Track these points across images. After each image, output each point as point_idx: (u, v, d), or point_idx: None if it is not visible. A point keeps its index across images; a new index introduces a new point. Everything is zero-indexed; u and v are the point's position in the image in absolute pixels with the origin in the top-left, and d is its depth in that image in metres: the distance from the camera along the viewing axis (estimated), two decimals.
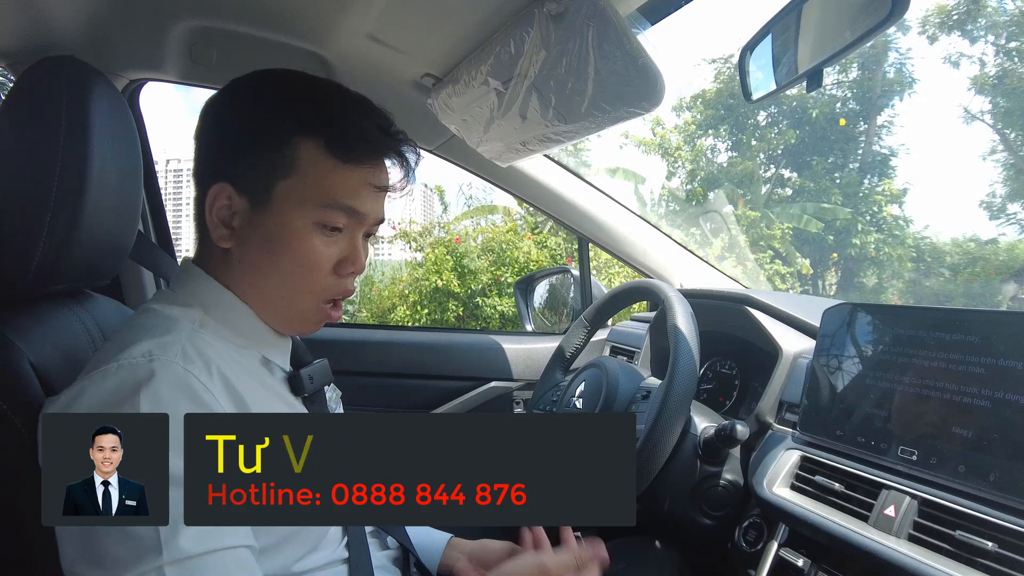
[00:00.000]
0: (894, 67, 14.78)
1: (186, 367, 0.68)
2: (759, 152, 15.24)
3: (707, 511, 1.12)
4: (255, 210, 0.77)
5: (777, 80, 1.03)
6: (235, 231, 0.79)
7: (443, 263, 7.69)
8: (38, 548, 0.69)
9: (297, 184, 0.77)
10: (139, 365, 0.67)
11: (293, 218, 0.77)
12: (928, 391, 0.89)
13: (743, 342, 1.40)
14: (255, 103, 0.80)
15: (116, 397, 0.65)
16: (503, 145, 1.33)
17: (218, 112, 0.82)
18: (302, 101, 0.79)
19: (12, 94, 0.85)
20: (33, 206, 0.79)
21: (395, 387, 1.80)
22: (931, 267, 13.04)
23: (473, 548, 1.14)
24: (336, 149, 0.77)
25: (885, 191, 13.59)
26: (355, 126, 0.79)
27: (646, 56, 0.93)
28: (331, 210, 0.78)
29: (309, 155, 0.77)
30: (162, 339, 0.70)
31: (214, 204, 0.78)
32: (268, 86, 0.81)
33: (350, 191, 0.79)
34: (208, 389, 0.68)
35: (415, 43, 1.25)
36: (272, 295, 0.81)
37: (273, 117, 0.77)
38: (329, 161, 0.77)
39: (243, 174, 0.77)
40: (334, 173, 0.77)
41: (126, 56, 1.39)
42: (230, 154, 0.78)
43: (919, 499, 0.84)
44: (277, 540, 0.75)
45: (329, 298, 0.83)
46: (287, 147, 0.76)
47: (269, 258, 0.79)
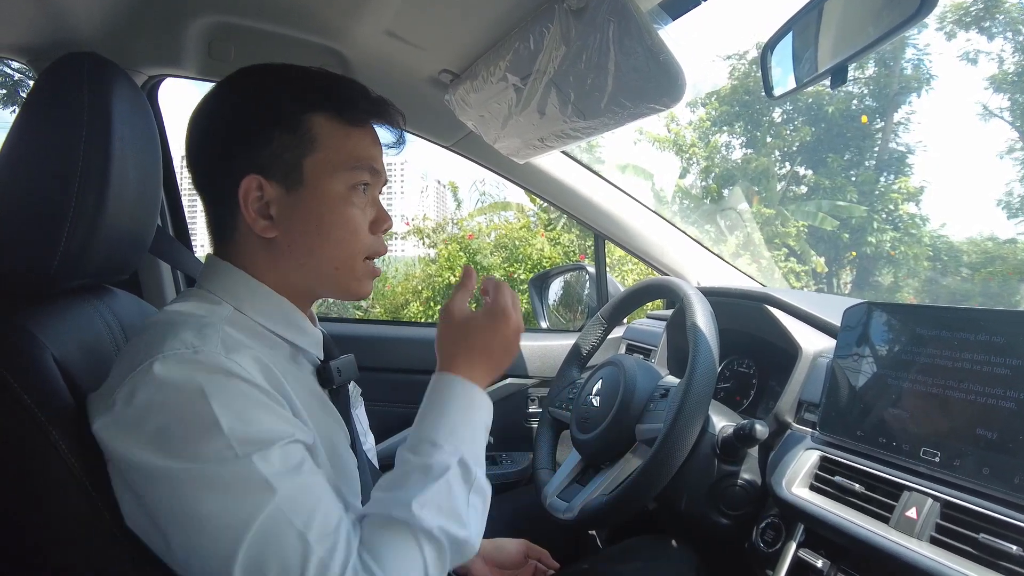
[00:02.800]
0: (911, 63, 14.64)
1: (228, 356, 0.68)
2: (774, 149, 15.13)
3: (724, 510, 1.11)
4: (291, 192, 0.80)
5: (799, 77, 1.02)
6: (275, 219, 0.80)
7: (456, 259, 7.69)
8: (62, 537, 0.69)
9: (323, 156, 0.80)
10: (187, 355, 0.67)
11: (330, 187, 0.81)
12: (951, 392, 0.88)
13: (761, 341, 1.39)
14: (261, 93, 0.82)
15: (179, 385, 0.66)
16: (520, 141, 1.32)
17: (224, 114, 0.83)
18: (305, 82, 0.83)
19: (35, 90, 0.85)
20: (56, 201, 0.79)
21: (411, 383, 1.78)
22: (948, 266, 12.90)
23: (488, 549, 1.15)
24: (346, 115, 0.82)
25: (902, 189, 13.46)
26: (352, 94, 0.84)
27: (667, 52, 0.92)
28: (358, 170, 0.82)
29: (324, 128, 0.81)
30: (199, 332, 0.70)
31: (248, 197, 0.78)
32: (266, 77, 0.84)
33: (365, 150, 0.84)
34: (252, 376, 0.69)
35: (434, 38, 1.25)
36: (325, 268, 0.83)
37: (284, 102, 0.81)
38: (343, 128, 0.82)
39: (269, 162, 0.79)
40: (349, 138, 0.82)
41: (145, 52, 1.39)
42: (252, 147, 0.79)
43: (942, 501, 0.84)
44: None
45: (372, 255, 0.86)
46: (303, 125, 0.80)
47: (316, 233, 0.81)
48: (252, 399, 0.68)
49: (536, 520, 1.28)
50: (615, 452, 1.17)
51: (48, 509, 0.73)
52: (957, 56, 14.53)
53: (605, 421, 1.18)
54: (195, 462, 0.64)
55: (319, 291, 0.87)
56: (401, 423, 1.80)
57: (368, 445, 1.02)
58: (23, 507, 0.73)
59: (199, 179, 0.83)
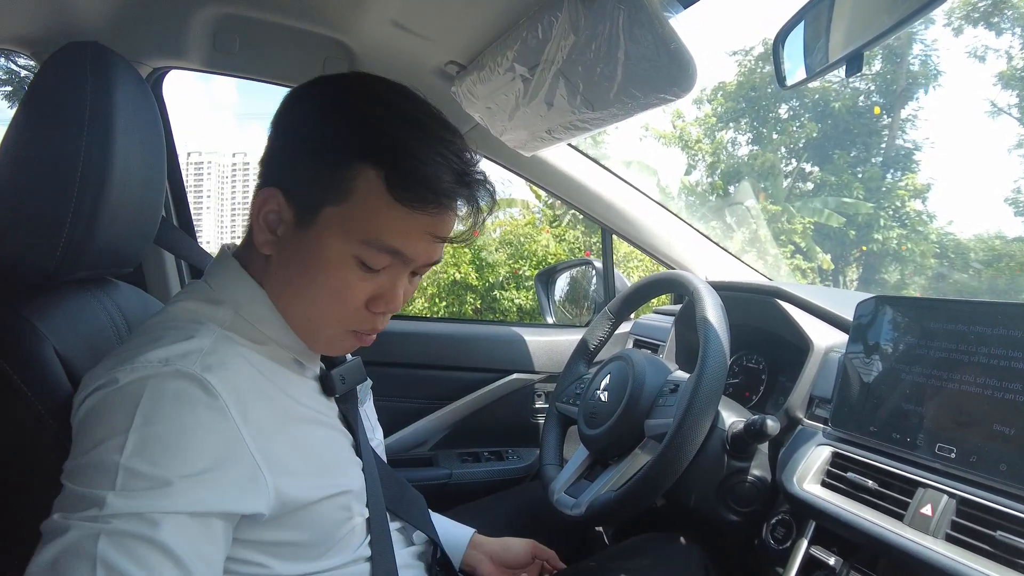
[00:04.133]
0: (919, 59, 14.53)
1: (203, 375, 0.65)
2: (780, 145, 15.08)
3: (733, 507, 1.10)
4: (299, 226, 0.73)
5: (811, 67, 1.00)
6: (278, 240, 0.75)
7: (461, 256, 7.70)
8: None
9: (346, 213, 0.70)
10: (152, 369, 0.64)
11: (332, 246, 0.71)
12: (968, 387, 0.87)
13: (771, 336, 1.38)
14: (325, 114, 0.73)
15: (125, 398, 0.63)
16: (528, 133, 1.31)
17: (291, 112, 0.77)
18: (374, 121, 0.71)
19: (37, 80, 0.84)
20: (58, 192, 0.78)
21: (417, 378, 1.80)
22: (955, 263, 12.83)
23: (495, 549, 1.14)
24: (395, 187, 0.69)
25: (908, 186, 13.38)
26: (425, 165, 0.70)
27: (678, 40, 0.90)
28: (373, 249, 0.71)
29: (366, 185, 0.69)
30: (182, 346, 0.68)
31: (263, 208, 0.74)
32: (344, 96, 0.74)
33: (400, 234, 0.72)
34: (224, 404, 0.66)
35: (440, 29, 1.24)
36: (298, 313, 0.77)
37: (338, 134, 0.71)
38: (385, 198, 0.69)
39: (296, 186, 0.73)
40: (388, 211, 0.70)
41: (149, 44, 1.38)
42: (289, 162, 0.74)
43: (957, 498, 0.82)
44: (303, 540, 0.75)
45: (356, 330, 0.79)
46: (346, 171, 0.69)
47: (300, 278, 0.75)
48: (190, 439, 0.62)
49: (542, 516, 1.27)
50: (624, 448, 1.16)
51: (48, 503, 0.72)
52: (965, 52, 14.46)
53: (613, 416, 1.16)
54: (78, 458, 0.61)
55: (291, 324, 0.79)
56: (404, 417, 1.79)
57: (377, 440, 1.01)
58: (23, 500, 0.73)
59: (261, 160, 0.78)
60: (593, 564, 1.12)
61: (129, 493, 0.58)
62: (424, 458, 1.73)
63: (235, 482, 0.64)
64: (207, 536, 0.61)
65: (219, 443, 0.64)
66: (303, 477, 0.73)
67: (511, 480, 1.73)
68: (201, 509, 0.61)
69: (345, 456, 0.85)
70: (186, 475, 0.60)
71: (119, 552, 0.55)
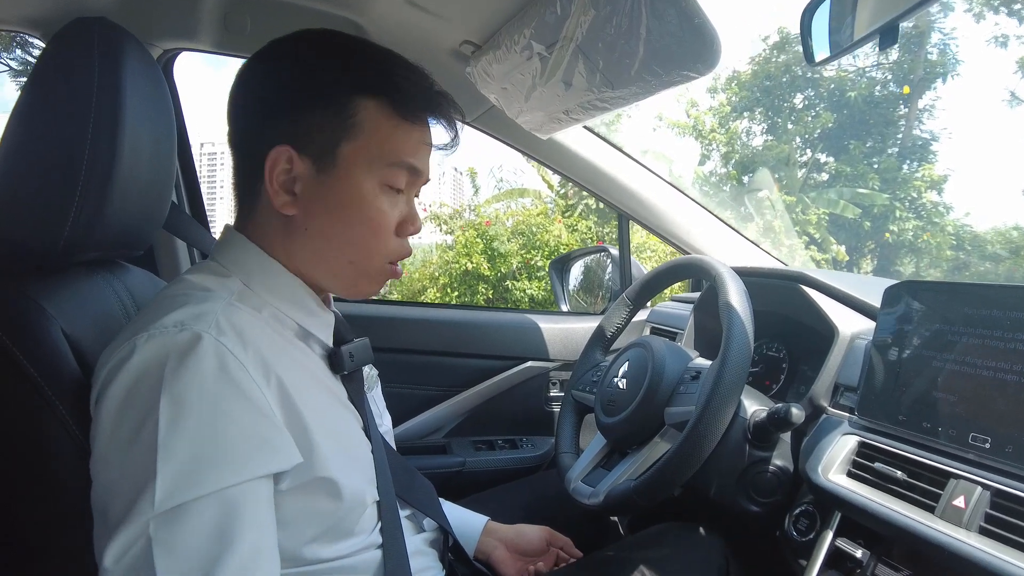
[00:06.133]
0: (937, 48, 14.32)
1: (219, 339, 0.65)
2: (795, 135, 14.95)
3: (755, 497, 1.07)
4: (321, 174, 0.76)
5: (840, 43, 0.97)
6: (298, 197, 0.76)
7: (473, 246, 7.68)
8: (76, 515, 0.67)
9: (363, 145, 0.76)
10: (169, 335, 0.64)
11: (361, 181, 0.76)
12: (1004, 375, 0.84)
13: (792, 323, 1.35)
14: (315, 63, 0.77)
15: (146, 368, 0.63)
16: (544, 115, 1.28)
17: (269, 73, 0.79)
18: (362, 62, 0.78)
19: (43, 57, 0.82)
20: (66, 171, 0.77)
21: (431, 365, 1.79)
22: (972, 255, 12.68)
23: (510, 536, 1.13)
24: (399, 108, 0.77)
25: (925, 176, 13.24)
26: (413, 86, 0.78)
27: (702, 15, 0.88)
28: (396, 168, 0.78)
29: (372, 115, 0.76)
30: (196, 308, 0.68)
31: (275, 169, 0.75)
32: (324, 46, 0.80)
33: (411, 149, 0.79)
34: (242, 364, 0.66)
35: (455, 7, 1.21)
36: (339, 260, 0.79)
37: (335, 78, 0.76)
38: (392, 120, 0.77)
39: (306, 137, 0.75)
40: (397, 132, 0.78)
41: (160, 25, 1.37)
42: (291, 116, 0.76)
43: (992, 489, 0.79)
44: (314, 532, 0.74)
45: (393, 258, 0.82)
46: (350, 108, 0.75)
47: (337, 223, 0.77)
48: (217, 404, 0.64)
49: (557, 505, 1.26)
50: (643, 436, 1.13)
51: (56, 485, 0.71)
52: (985, 40, 14.22)
53: (632, 404, 1.14)
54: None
55: (327, 283, 0.82)
56: (417, 405, 1.78)
57: (385, 427, 1.00)
58: (31, 483, 0.72)
59: (234, 136, 0.80)
60: (611, 554, 1.10)
61: (170, 482, 0.59)
62: (438, 446, 1.71)
63: (266, 440, 0.66)
64: (253, 502, 0.64)
65: (246, 407, 0.65)
66: (321, 438, 0.72)
67: (525, 469, 1.72)
68: (245, 477, 0.63)
69: (357, 435, 0.85)
70: (222, 446, 0.62)
71: (176, 554, 0.58)
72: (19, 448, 0.71)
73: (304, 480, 0.70)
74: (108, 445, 0.63)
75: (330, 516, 0.75)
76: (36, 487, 0.72)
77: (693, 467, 0.98)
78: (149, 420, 0.60)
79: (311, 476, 0.71)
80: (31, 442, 0.70)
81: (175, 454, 0.60)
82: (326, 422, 0.75)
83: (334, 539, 0.77)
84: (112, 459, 0.63)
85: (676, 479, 0.99)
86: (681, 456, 0.97)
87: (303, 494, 0.71)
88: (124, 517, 0.59)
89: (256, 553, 0.62)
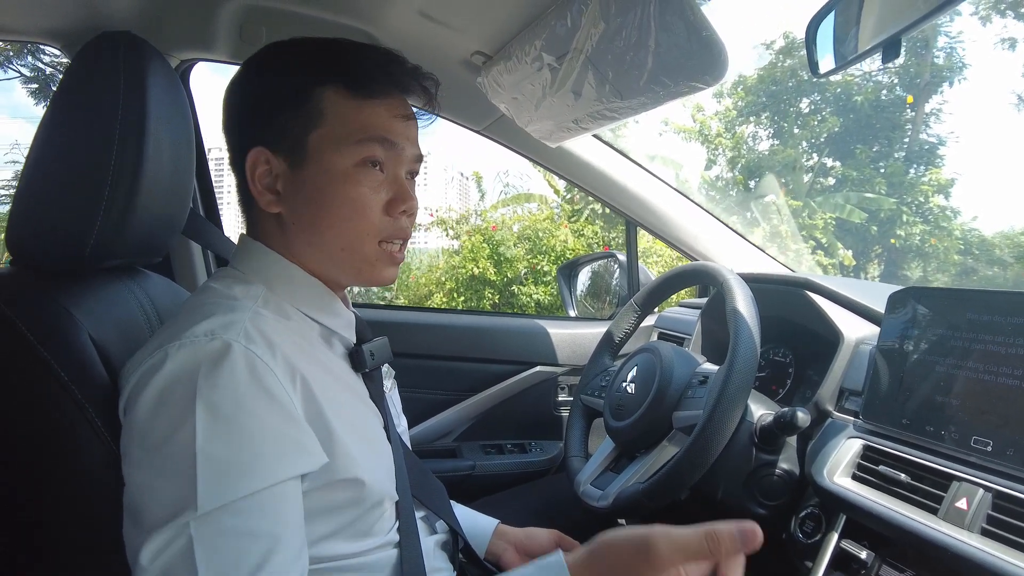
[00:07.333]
0: (944, 51, 14.26)
1: (248, 346, 0.68)
2: (801, 140, 14.89)
3: (761, 500, 1.09)
4: (295, 168, 0.80)
5: (844, 55, 0.99)
6: (280, 195, 0.81)
7: (479, 251, 7.68)
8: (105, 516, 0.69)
9: (328, 130, 0.79)
10: (200, 344, 0.67)
11: (333, 163, 0.79)
12: (1005, 379, 0.85)
13: (798, 328, 1.36)
14: (274, 68, 0.82)
15: (178, 375, 0.65)
16: (554, 124, 1.30)
17: (242, 87, 0.84)
18: (316, 56, 0.82)
19: (70, 70, 0.85)
20: (92, 181, 0.80)
21: (441, 369, 1.80)
22: (979, 260, 12.61)
23: (520, 538, 1.14)
24: (355, 88, 0.80)
25: (932, 181, 13.16)
26: (368, 65, 0.81)
27: (710, 27, 0.90)
28: (367, 144, 0.80)
29: (332, 100, 0.79)
30: (224, 317, 0.71)
31: (255, 170, 0.80)
32: (282, 51, 0.84)
33: (380, 124, 0.81)
34: (271, 369, 0.69)
35: (467, 19, 1.23)
36: (332, 248, 0.82)
37: (293, 76, 0.80)
38: (352, 101, 0.80)
39: (276, 136, 0.80)
40: (360, 111, 0.80)
41: (178, 36, 1.39)
42: (260, 120, 0.81)
43: (993, 491, 0.81)
44: (333, 529, 0.76)
45: (384, 238, 0.83)
46: (311, 99, 0.79)
47: (319, 210, 0.80)
48: (250, 410, 0.66)
49: (566, 509, 1.27)
50: (651, 440, 1.15)
51: (85, 486, 0.73)
52: (992, 43, 14.16)
53: (641, 408, 1.16)
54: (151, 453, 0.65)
55: (335, 275, 0.85)
56: (427, 409, 1.79)
57: (402, 428, 1.02)
58: (60, 484, 0.74)
59: (229, 155, 0.85)
60: None
61: (211, 485, 0.62)
62: (448, 449, 1.73)
63: (297, 442, 0.69)
64: (285, 501, 0.67)
65: (278, 411, 0.68)
66: (346, 436, 0.75)
67: (534, 473, 1.73)
68: (280, 478, 0.66)
69: (379, 433, 0.87)
70: (257, 451, 0.65)
71: (219, 552, 0.61)
72: (50, 449, 0.73)
73: (328, 479, 0.72)
74: (140, 448, 0.66)
75: (350, 513, 0.77)
76: (65, 488, 0.74)
77: (701, 470, 1.00)
78: (184, 425, 0.63)
79: (335, 476, 0.73)
80: (61, 444, 0.72)
81: (214, 458, 0.62)
82: (350, 420, 0.78)
83: (353, 537, 0.78)
84: (145, 462, 0.65)
85: (684, 482, 1.01)
86: (689, 459, 0.99)
87: (326, 492, 0.73)
88: (162, 518, 0.61)
89: (294, 551, 0.66)
